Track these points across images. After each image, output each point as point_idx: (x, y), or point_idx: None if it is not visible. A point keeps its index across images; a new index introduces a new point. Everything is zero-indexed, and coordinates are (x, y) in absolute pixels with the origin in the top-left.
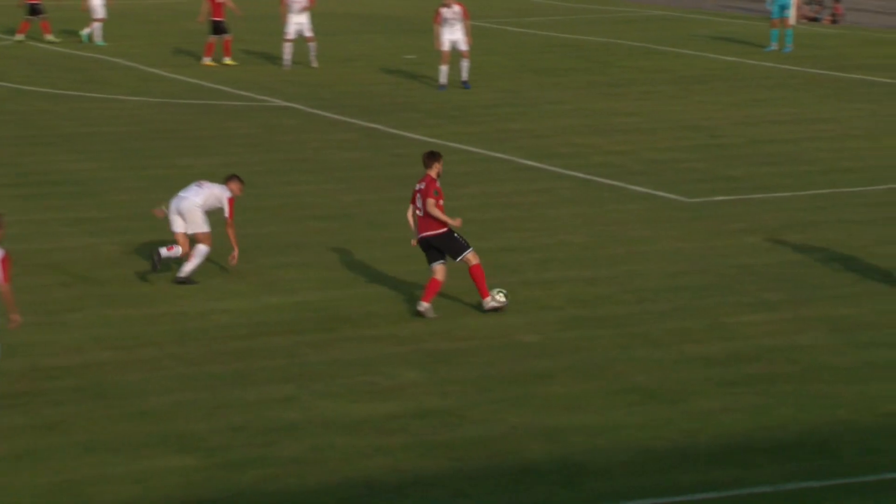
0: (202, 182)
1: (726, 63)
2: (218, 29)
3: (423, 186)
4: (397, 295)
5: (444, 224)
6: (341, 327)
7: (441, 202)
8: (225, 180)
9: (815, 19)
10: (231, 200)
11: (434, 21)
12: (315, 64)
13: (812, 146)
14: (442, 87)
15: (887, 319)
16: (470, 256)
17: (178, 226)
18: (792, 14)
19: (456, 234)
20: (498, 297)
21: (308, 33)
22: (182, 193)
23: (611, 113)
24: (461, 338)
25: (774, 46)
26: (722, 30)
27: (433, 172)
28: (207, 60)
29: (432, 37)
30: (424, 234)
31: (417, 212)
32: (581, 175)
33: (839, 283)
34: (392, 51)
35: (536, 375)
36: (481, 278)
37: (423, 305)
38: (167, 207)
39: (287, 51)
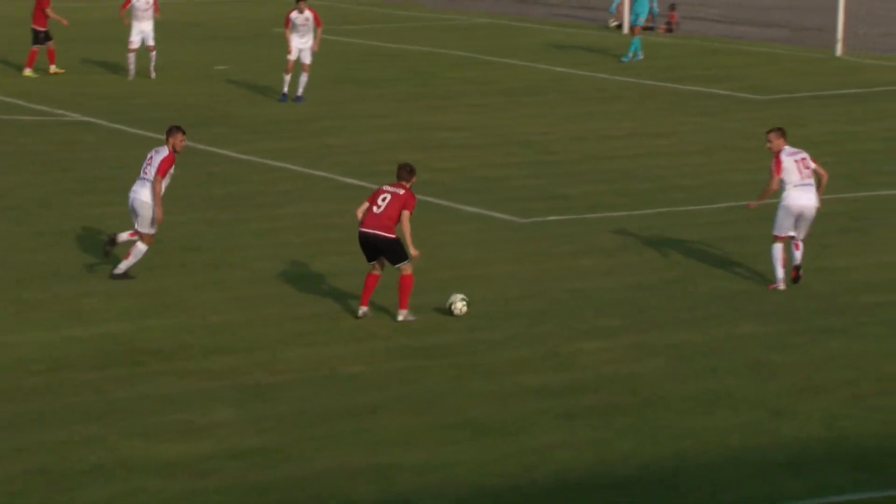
0: (149, 161)
1: (558, 74)
2: (39, 38)
3: (398, 192)
4: (212, 325)
5: (394, 233)
6: (150, 361)
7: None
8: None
9: (649, 28)
10: (167, 159)
11: (284, 26)
12: (153, 75)
13: (649, 162)
14: (283, 97)
15: (730, 345)
16: (407, 266)
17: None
18: (624, 23)
19: (402, 244)
20: (458, 306)
21: (151, 42)
22: (134, 188)
23: (436, 127)
24: (280, 370)
25: (639, 56)
26: (552, 39)
27: (410, 183)
28: (28, 72)
29: (251, 47)
30: (374, 230)
31: (375, 208)
32: None
33: (679, 308)
34: (203, 61)
35: (362, 410)
36: (409, 289)
37: (362, 309)
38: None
39: (132, 60)
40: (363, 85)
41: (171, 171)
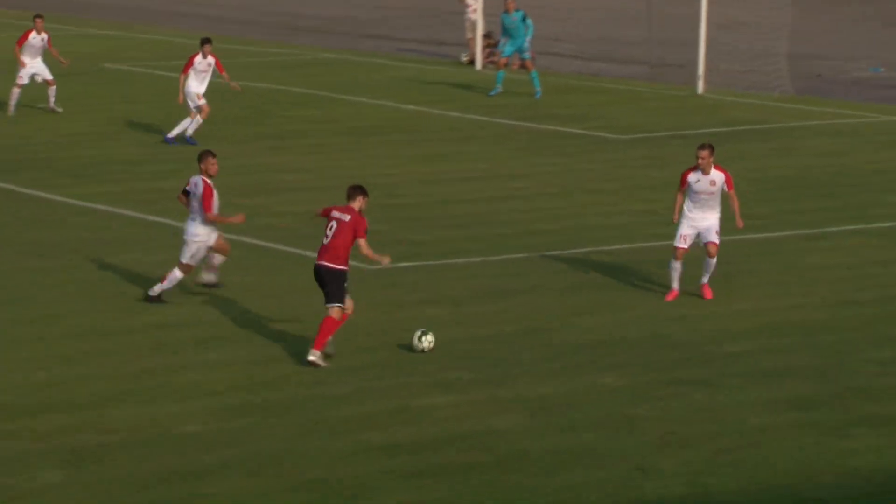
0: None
1: (407, 112)
2: None
3: (345, 218)
4: (36, 382)
5: (347, 264)
6: None
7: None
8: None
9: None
10: (208, 188)
11: (182, 70)
12: (58, 108)
13: (505, 206)
14: (191, 140)
15: (590, 398)
16: (336, 309)
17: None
18: (478, 59)
19: (344, 281)
20: (422, 342)
21: (48, 76)
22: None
23: (276, 169)
24: (109, 430)
25: (500, 89)
26: (400, 75)
27: (357, 205)
28: None
29: (81, 85)
30: (322, 262)
31: (324, 239)
32: (248, 240)
33: (537, 359)
34: (30, 97)
35: (197, 472)
36: (329, 332)
37: (315, 353)
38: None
39: (15, 96)
40: None
41: (216, 195)
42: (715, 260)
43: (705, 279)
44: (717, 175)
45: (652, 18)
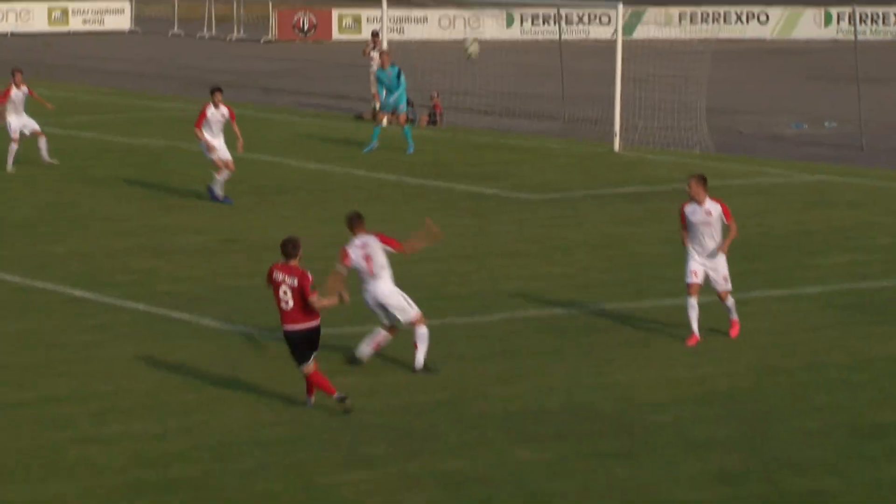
0: (367, 245)
1: (311, 171)
2: None
3: (293, 282)
4: None
5: (317, 314)
6: None
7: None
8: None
9: (410, 120)
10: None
11: (196, 124)
12: (54, 160)
13: (416, 270)
14: (226, 199)
15: (505, 473)
16: (309, 366)
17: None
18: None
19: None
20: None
21: (36, 128)
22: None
23: (176, 230)
24: None
25: (376, 145)
26: (303, 131)
27: (297, 262)
28: None
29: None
30: (296, 325)
31: (284, 305)
32: (143, 307)
33: (450, 432)
34: None
35: None
36: (323, 382)
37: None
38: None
39: (13, 152)
40: (95, 184)
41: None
42: (732, 300)
43: (732, 316)
44: (712, 206)
45: (565, 72)
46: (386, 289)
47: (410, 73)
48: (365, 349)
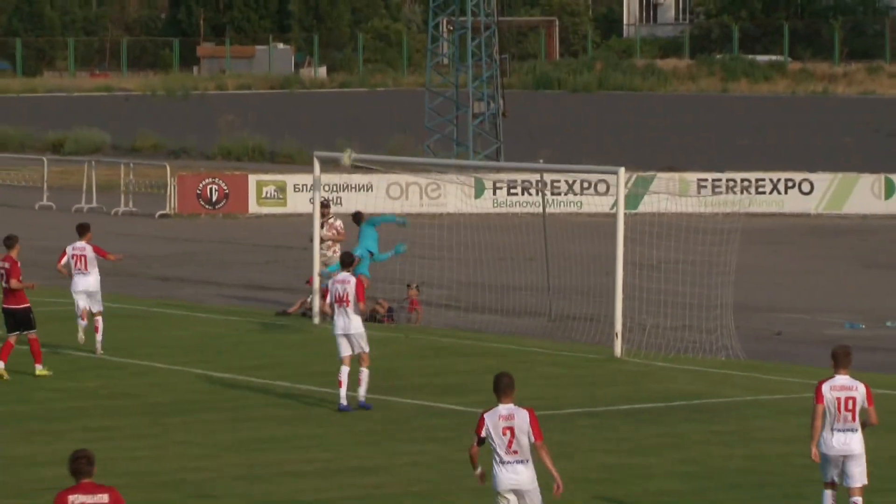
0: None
1: (219, 383)
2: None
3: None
4: None
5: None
6: None
7: None
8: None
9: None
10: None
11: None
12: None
13: None
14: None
15: None
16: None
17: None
18: (315, 309)
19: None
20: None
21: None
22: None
23: (35, 462)
24: None
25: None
26: (212, 330)
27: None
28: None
29: None
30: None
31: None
32: None
33: None
34: None
35: None
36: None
37: None
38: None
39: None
40: None
41: None
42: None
43: None
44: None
45: (550, 256)
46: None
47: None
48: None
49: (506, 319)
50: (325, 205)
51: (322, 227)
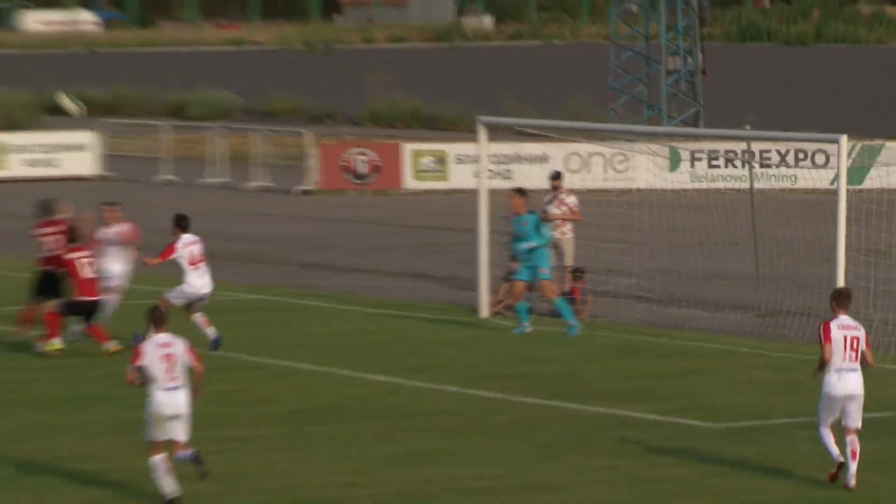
0: None
1: (373, 387)
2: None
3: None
4: None
5: None
6: None
7: None
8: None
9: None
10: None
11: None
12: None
13: None
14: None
15: None
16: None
17: None
18: (483, 303)
19: None
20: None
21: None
22: None
23: None
24: None
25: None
26: (361, 327)
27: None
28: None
29: None
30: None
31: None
32: None
33: None
34: None
35: None
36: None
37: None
38: None
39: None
40: None
41: None
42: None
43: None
44: None
45: (759, 239)
46: None
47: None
48: None
49: (706, 314)
50: (556, 177)
51: (551, 202)
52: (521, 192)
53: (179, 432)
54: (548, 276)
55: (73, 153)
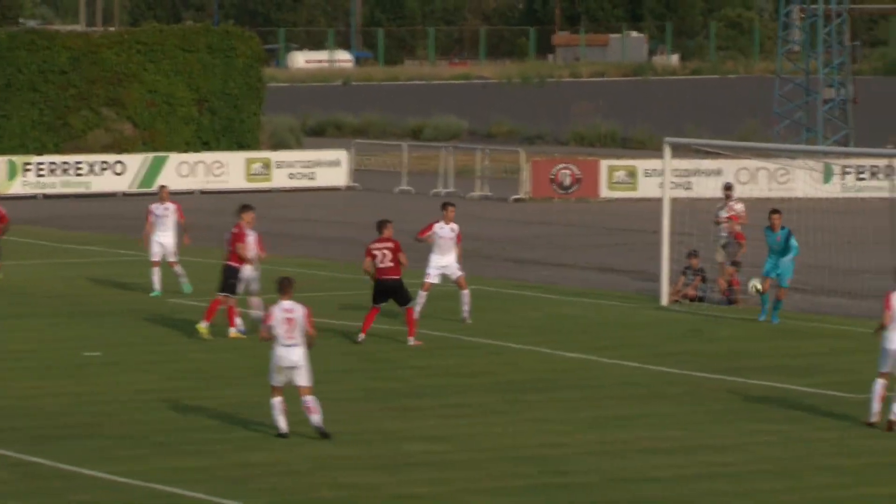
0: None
1: (571, 362)
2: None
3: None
4: None
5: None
6: None
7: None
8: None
9: (699, 299)
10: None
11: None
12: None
13: (707, 487)
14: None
15: None
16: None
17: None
18: (664, 292)
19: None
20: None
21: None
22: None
23: (401, 437)
24: None
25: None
26: (560, 311)
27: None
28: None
29: (115, 326)
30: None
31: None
32: None
33: None
34: (67, 346)
35: None
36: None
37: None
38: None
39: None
40: None
41: None
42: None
43: None
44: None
45: None
46: None
47: (704, 236)
48: None
49: (851, 303)
50: (728, 187)
51: (722, 209)
52: (777, 211)
53: (301, 379)
54: (785, 285)
55: (329, 168)
